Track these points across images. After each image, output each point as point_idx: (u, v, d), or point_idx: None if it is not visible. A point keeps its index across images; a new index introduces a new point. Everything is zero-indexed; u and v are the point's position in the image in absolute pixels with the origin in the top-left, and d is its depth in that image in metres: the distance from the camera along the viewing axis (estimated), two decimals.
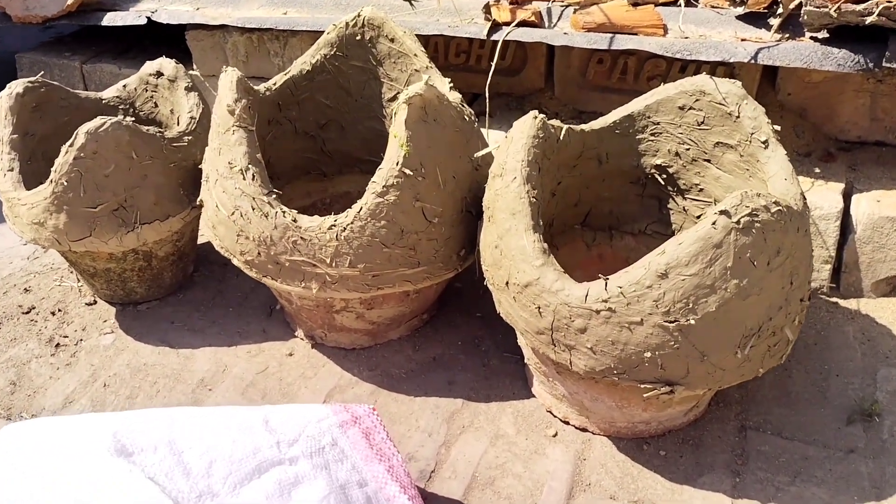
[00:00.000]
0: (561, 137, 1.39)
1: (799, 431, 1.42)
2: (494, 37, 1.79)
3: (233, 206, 1.40)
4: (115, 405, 1.52)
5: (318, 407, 1.19)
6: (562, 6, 1.84)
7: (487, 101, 1.81)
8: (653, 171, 1.54)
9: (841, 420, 1.44)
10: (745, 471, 1.35)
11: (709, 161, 1.48)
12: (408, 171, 1.33)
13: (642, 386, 1.21)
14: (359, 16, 1.64)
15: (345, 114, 1.73)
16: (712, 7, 1.77)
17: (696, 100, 1.44)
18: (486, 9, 1.85)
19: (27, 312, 1.78)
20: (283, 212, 1.37)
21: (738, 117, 1.39)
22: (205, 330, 1.71)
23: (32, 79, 1.64)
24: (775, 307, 1.19)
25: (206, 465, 1.01)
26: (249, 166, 1.38)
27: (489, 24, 1.80)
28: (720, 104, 1.41)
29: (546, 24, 1.82)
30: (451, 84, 1.53)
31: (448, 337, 1.65)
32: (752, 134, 1.38)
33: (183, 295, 1.81)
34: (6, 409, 1.53)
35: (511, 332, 1.41)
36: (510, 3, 1.86)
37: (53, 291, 1.84)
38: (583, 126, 1.47)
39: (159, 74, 1.71)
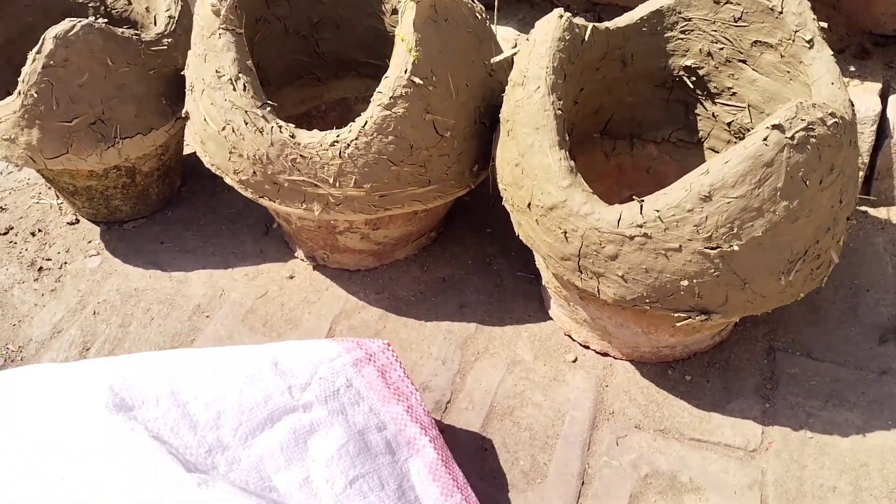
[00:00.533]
0: (586, 38, 1.25)
1: (829, 352, 1.35)
2: None
3: (223, 121, 1.27)
4: (106, 335, 1.43)
5: (329, 344, 1.11)
6: None
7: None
8: (681, 73, 1.41)
9: (873, 339, 1.38)
10: (776, 395, 1.29)
11: (744, 62, 1.35)
12: (417, 80, 1.20)
13: (675, 315, 1.13)
14: None
15: (340, 10, 1.57)
16: None
17: None
18: None
19: (5, 234, 1.66)
20: (280, 126, 1.24)
21: (780, 13, 1.26)
22: (197, 250, 1.60)
23: None
24: (823, 228, 1.09)
25: (213, 416, 0.93)
26: (240, 75, 1.24)
27: None
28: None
29: None
30: None
31: (458, 256, 1.55)
32: (795, 32, 1.24)
33: (171, 212, 1.69)
34: None
35: (525, 250, 1.31)
36: None
37: (31, 210, 1.71)
38: (607, 24, 1.33)
39: None
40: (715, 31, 1.34)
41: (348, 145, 1.23)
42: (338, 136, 1.24)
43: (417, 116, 1.23)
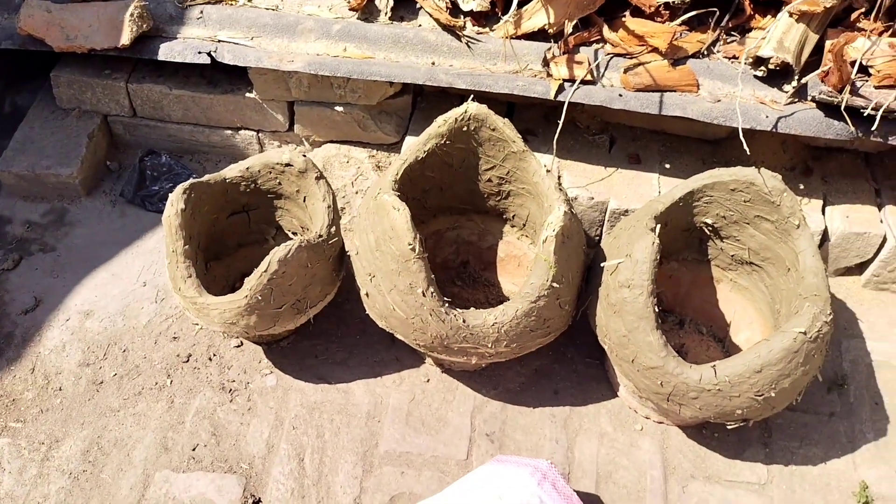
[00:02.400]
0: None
1: (800, 404, 2.08)
2: (560, 97, 2.12)
3: (413, 314, 1.80)
4: (312, 446, 1.97)
5: (522, 475, 1.72)
6: (607, 55, 2.16)
7: (555, 148, 2.17)
8: (701, 224, 2.03)
9: (823, 390, 2.11)
10: (771, 442, 2.02)
11: (748, 224, 1.98)
12: (555, 285, 1.77)
13: (727, 425, 1.81)
14: (465, 112, 1.93)
15: (445, 180, 2.06)
16: (733, 61, 2.15)
17: (746, 186, 1.90)
18: (545, 63, 2.15)
19: (187, 361, 2.12)
20: (456, 316, 1.79)
21: (778, 205, 1.88)
22: (346, 362, 2.13)
23: (187, 185, 1.86)
24: (815, 372, 1.78)
25: None
26: (429, 288, 1.76)
27: (556, 84, 2.11)
28: (766, 194, 1.88)
29: (596, 76, 2.15)
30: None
31: (541, 350, 2.15)
32: (788, 217, 1.88)
33: (311, 327, 2.18)
34: (223, 462, 1.94)
35: (585, 339, 1.92)
36: (562, 52, 2.16)
37: (200, 336, 2.16)
38: (658, 226, 1.89)
39: (288, 165, 1.95)
40: (729, 204, 1.96)
41: (504, 325, 1.80)
42: (496, 319, 1.80)
43: (552, 304, 1.80)
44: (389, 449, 1.98)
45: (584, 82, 2.13)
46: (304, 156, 1.95)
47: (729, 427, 1.83)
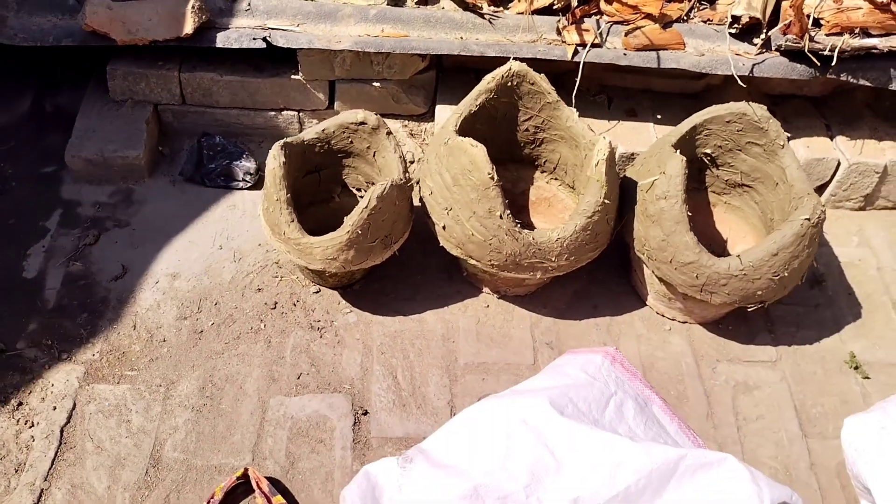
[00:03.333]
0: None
1: (789, 298, 2.52)
2: (576, 59, 2.52)
3: (491, 235, 2.13)
4: (402, 365, 2.27)
5: (596, 358, 2.08)
6: (607, 23, 2.58)
7: (574, 102, 2.56)
8: (701, 155, 2.46)
9: (807, 287, 2.57)
10: (774, 329, 2.46)
11: (740, 150, 2.41)
12: (606, 201, 2.15)
13: (748, 307, 2.23)
14: (509, 69, 2.29)
15: (489, 132, 2.41)
16: (709, 23, 2.61)
17: (739, 117, 2.34)
18: (558, 31, 2.55)
19: (273, 308, 2.38)
20: (526, 234, 2.14)
21: (766, 130, 2.33)
22: (414, 297, 2.44)
23: (282, 143, 2.14)
24: (814, 254, 2.22)
25: (585, 408, 1.90)
26: (505, 210, 2.10)
27: (572, 49, 2.51)
28: (756, 122, 2.33)
29: (601, 41, 2.56)
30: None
31: (576, 273, 2.52)
32: (774, 139, 2.33)
33: (375, 271, 2.47)
34: (327, 385, 2.21)
35: (613, 263, 2.31)
36: (570, 23, 2.56)
37: (281, 286, 2.43)
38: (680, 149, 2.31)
39: (362, 123, 2.26)
40: (724, 135, 2.39)
41: (566, 239, 2.16)
42: (559, 235, 2.16)
43: (602, 220, 2.18)
44: (468, 361, 2.30)
45: (593, 45, 2.53)
46: (376, 114, 2.27)
47: (750, 310, 2.25)
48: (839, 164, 2.72)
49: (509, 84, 2.32)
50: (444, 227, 2.24)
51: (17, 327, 2.26)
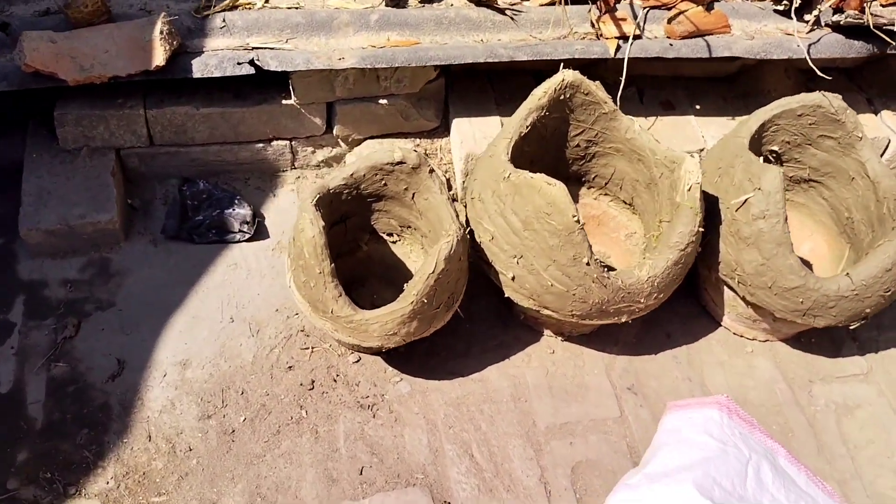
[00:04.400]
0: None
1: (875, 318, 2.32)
2: (619, 55, 2.19)
3: (575, 285, 1.82)
4: (475, 439, 1.95)
5: (712, 414, 1.81)
6: (643, 10, 2.26)
7: (618, 103, 2.24)
8: (766, 153, 2.20)
9: None
10: (857, 335, 2.25)
11: (810, 145, 2.17)
12: (700, 229, 1.86)
13: (850, 325, 2.00)
14: (562, 80, 1.95)
15: (538, 152, 2.08)
16: (752, 0, 2.33)
17: (812, 110, 2.08)
18: (592, 23, 2.21)
19: (311, 388, 2.00)
20: (616, 277, 1.83)
21: (843, 122, 2.08)
22: (469, 352, 2.11)
23: (314, 200, 1.75)
24: None
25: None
26: (592, 256, 1.79)
27: (614, 44, 2.18)
28: (832, 114, 2.07)
29: (640, 30, 2.24)
30: None
31: None
32: (851, 132, 2.09)
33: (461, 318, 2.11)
34: (396, 478, 1.87)
35: (681, 288, 2.05)
36: (603, 12, 2.23)
37: (314, 359, 2.05)
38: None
39: (399, 164, 1.88)
40: (794, 129, 2.14)
41: (657, 277, 1.87)
42: (649, 273, 1.86)
43: (694, 249, 1.90)
44: (548, 423, 2.00)
45: (635, 38, 2.21)
46: (415, 150, 1.89)
47: (852, 328, 2.02)
48: (889, 143, 2.52)
49: (562, 97, 1.98)
50: (513, 278, 1.91)
51: (2, 461, 1.81)
